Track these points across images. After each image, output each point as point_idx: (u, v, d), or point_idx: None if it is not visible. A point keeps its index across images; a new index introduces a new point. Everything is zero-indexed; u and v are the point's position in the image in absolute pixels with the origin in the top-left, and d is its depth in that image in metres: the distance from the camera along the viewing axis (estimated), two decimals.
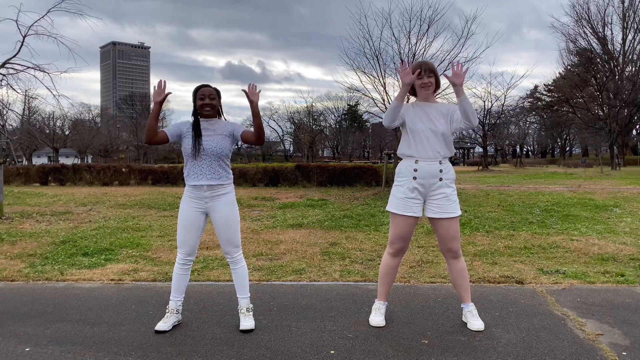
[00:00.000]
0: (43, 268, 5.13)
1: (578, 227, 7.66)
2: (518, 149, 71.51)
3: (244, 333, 3.26)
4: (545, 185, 17.77)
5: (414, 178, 3.28)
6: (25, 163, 51.48)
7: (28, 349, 3.01)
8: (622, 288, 4.31)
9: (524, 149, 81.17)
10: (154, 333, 3.26)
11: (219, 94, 3.43)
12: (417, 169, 3.28)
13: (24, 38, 11.65)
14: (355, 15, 46.59)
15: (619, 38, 43.71)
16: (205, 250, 5.94)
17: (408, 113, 3.35)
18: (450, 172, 3.34)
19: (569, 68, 46.01)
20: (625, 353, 2.92)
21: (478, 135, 45.36)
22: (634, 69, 40.96)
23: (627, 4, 40.93)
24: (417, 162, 3.28)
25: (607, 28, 41.53)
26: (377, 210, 10.00)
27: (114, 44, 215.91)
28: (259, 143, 3.38)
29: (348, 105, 71.42)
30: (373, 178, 17.50)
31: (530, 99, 62.73)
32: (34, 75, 12.19)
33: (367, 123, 75.00)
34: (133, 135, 70.28)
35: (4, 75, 12.02)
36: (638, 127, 50.07)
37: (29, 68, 12.00)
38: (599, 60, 41.75)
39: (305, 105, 70.02)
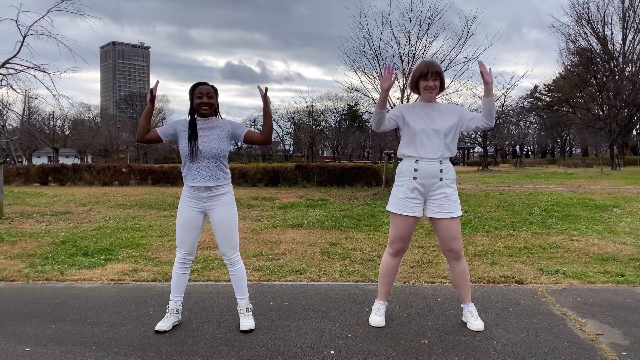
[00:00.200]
0: (43, 268, 5.13)
1: (578, 227, 7.66)
2: (518, 149, 71.50)
3: (244, 333, 3.26)
4: (545, 186, 17.78)
5: (414, 178, 3.28)
6: (25, 163, 51.49)
7: (28, 349, 3.01)
8: (622, 288, 4.31)
9: (524, 149, 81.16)
10: (154, 333, 3.26)
11: (217, 92, 3.36)
12: (417, 169, 3.28)
13: (24, 38, 11.64)
14: (355, 15, 46.62)
15: (619, 38, 43.77)
16: (205, 250, 5.94)
17: (409, 113, 3.35)
18: (451, 172, 3.34)
19: (569, 68, 46.02)
20: (625, 353, 2.92)
21: (478, 136, 45.37)
22: (634, 69, 40.96)
23: (627, 4, 40.95)
24: (417, 162, 3.28)
25: (607, 28, 41.57)
26: (377, 210, 10.00)
27: (114, 44, 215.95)
28: (267, 143, 3.39)
29: (348, 105, 71.47)
30: (373, 178, 17.50)
31: (530, 99, 62.76)
32: (34, 75, 12.17)
33: (367, 123, 74.89)
34: (133, 135, 70.24)
35: (4, 75, 12.02)
36: (638, 127, 50.08)
37: (29, 68, 12.00)
38: (599, 60, 41.75)
39: (305, 105, 70.11)
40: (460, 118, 3.35)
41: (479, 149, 54.21)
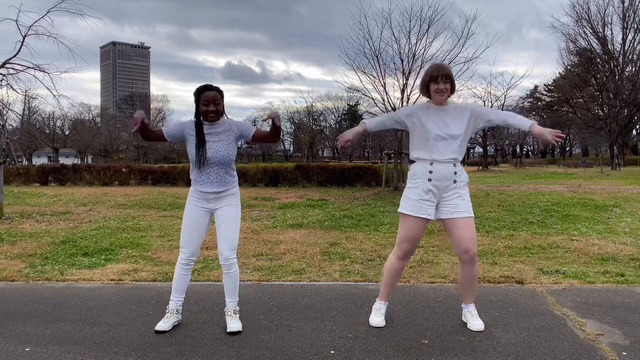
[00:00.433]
0: (43, 268, 5.13)
1: (578, 227, 7.66)
2: (518, 149, 71.49)
3: (232, 335, 3.22)
4: (545, 185, 17.78)
5: (429, 180, 3.27)
6: (25, 163, 51.49)
7: (28, 349, 3.01)
8: (622, 288, 4.31)
9: (524, 149, 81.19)
10: (154, 333, 3.26)
11: (223, 96, 3.32)
12: (432, 171, 3.26)
13: (24, 38, 11.64)
14: (355, 15, 46.52)
15: (619, 38, 43.73)
16: (205, 250, 5.94)
17: (422, 116, 3.32)
18: (464, 174, 3.35)
19: (569, 68, 46.02)
20: (625, 353, 2.92)
21: (478, 135, 45.36)
22: (634, 69, 40.96)
23: (627, 4, 40.94)
24: (432, 164, 3.27)
25: (607, 28, 41.57)
26: (377, 210, 10.00)
27: (114, 44, 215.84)
28: (275, 142, 3.44)
29: (348, 105, 71.41)
30: (373, 178, 17.51)
31: (530, 99, 62.74)
32: (34, 75, 12.17)
33: None
34: (133, 135, 70.24)
35: (4, 75, 12.01)
36: (638, 127, 50.09)
37: (29, 68, 11.99)
38: (599, 60, 41.76)
39: (305, 105, 70.03)
40: (471, 117, 3.34)
41: (479, 149, 54.23)
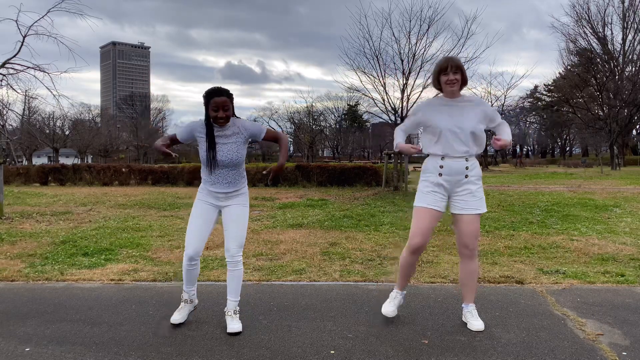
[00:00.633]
0: (43, 268, 5.13)
1: (578, 227, 7.66)
2: (518, 149, 71.52)
3: (232, 336, 3.22)
4: (545, 185, 17.78)
5: (440, 175, 3.28)
6: (25, 163, 51.48)
7: (28, 349, 3.01)
8: (622, 288, 4.31)
9: (524, 149, 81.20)
10: (171, 327, 3.34)
11: (232, 99, 3.31)
12: (442, 166, 3.27)
13: (24, 38, 11.67)
14: (355, 15, 46.62)
15: (619, 38, 43.66)
16: (206, 250, 5.94)
17: (433, 110, 3.32)
18: (477, 169, 3.32)
19: (569, 68, 46.01)
20: (625, 353, 2.92)
21: None
22: (634, 69, 40.95)
23: (627, 4, 40.91)
24: (443, 159, 3.27)
25: (607, 28, 41.53)
26: (377, 210, 10.00)
27: (114, 44, 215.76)
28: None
29: (348, 105, 71.38)
30: (373, 178, 17.50)
31: (530, 99, 62.78)
32: (34, 75, 12.21)
33: (367, 123, 74.99)
34: (133, 135, 70.29)
35: (4, 75, 12.03)
36: (638, 127, 50.09)
37: (29, 68, 12.03)
38: (599, 60, 41.74)
39: (305, 105, 69.99)
40: (487, 117, 3.34)
41: None
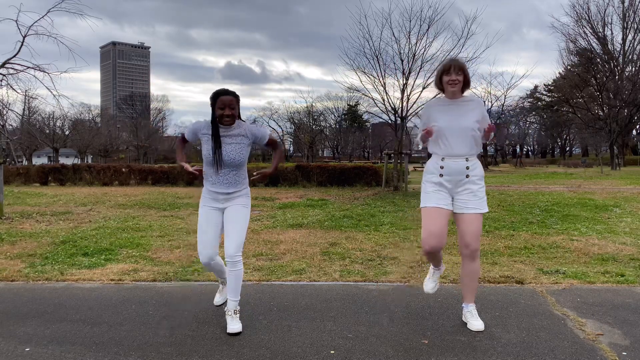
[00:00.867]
0: (43, 268, 5.13)
1: (578, 227, 7.66)
2: (518, 149, 71.53)
3: (232, 336, 3.21)
4: (545, 185, 17.78)
5: (440, 175, 3.29)
6: (25, 163, 51.48)
7: (28, 349, 3.01)
8: (622, 288, 4.31)
9: (524, 149, 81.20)
10: (214, 307, 3.59)
11: (238, 100, 3.35)
12: (443, 166, 3.28)
13: (24, 38, 11.64)
14: (355, 15, 46.47)
15: (619, 38, 43.73)
16: None
17: (435, 110, 3.34)
18: (478, 168, 3.33)
19: (569, 68, 46.05)
20: (625, 353, 2.92)
21: None
22: (634, 69, 40.98)
23: (627, 4, 40.96)
24: (443, 159, 3.28)
25: (607, 28, 41.61)
26: (377, 210, 10.00)
27: (114, 44, 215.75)
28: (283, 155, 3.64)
29: (348, 105, 71.43)
30: (373, 178, 17.50)
31: (530, 99, 62.74)
32: (34, 75, 12.17)
33: (367, 123, 75.00)
34: (133, 135, 70.27)
35: (4, 75, 12.02)
36: (638, 127, 50.10)
37: (29, 68, 12.00)
38: (599, 60, 41.77)
39: (305, 105, 70.07)
40: (482, 116, 3.34)
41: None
